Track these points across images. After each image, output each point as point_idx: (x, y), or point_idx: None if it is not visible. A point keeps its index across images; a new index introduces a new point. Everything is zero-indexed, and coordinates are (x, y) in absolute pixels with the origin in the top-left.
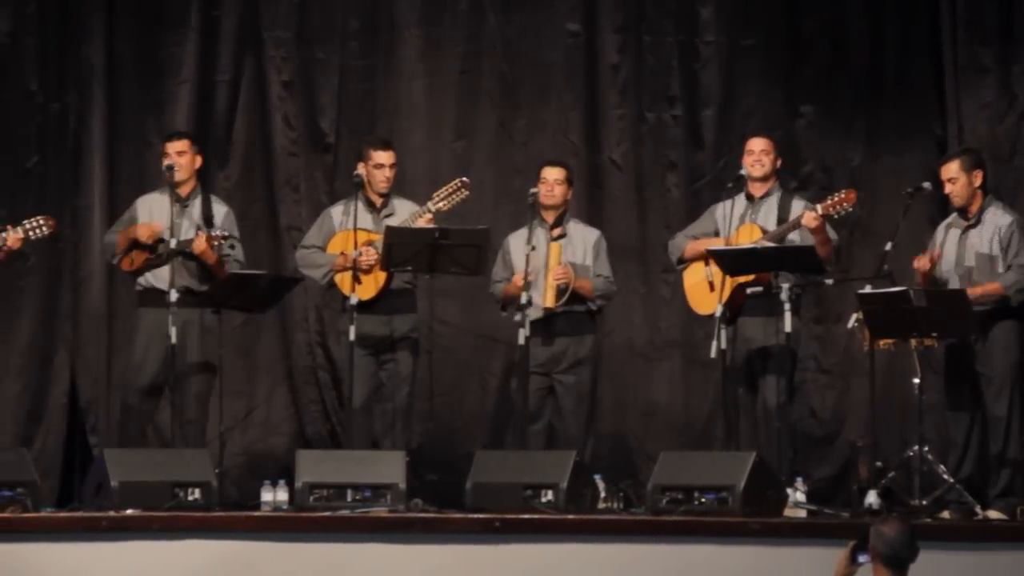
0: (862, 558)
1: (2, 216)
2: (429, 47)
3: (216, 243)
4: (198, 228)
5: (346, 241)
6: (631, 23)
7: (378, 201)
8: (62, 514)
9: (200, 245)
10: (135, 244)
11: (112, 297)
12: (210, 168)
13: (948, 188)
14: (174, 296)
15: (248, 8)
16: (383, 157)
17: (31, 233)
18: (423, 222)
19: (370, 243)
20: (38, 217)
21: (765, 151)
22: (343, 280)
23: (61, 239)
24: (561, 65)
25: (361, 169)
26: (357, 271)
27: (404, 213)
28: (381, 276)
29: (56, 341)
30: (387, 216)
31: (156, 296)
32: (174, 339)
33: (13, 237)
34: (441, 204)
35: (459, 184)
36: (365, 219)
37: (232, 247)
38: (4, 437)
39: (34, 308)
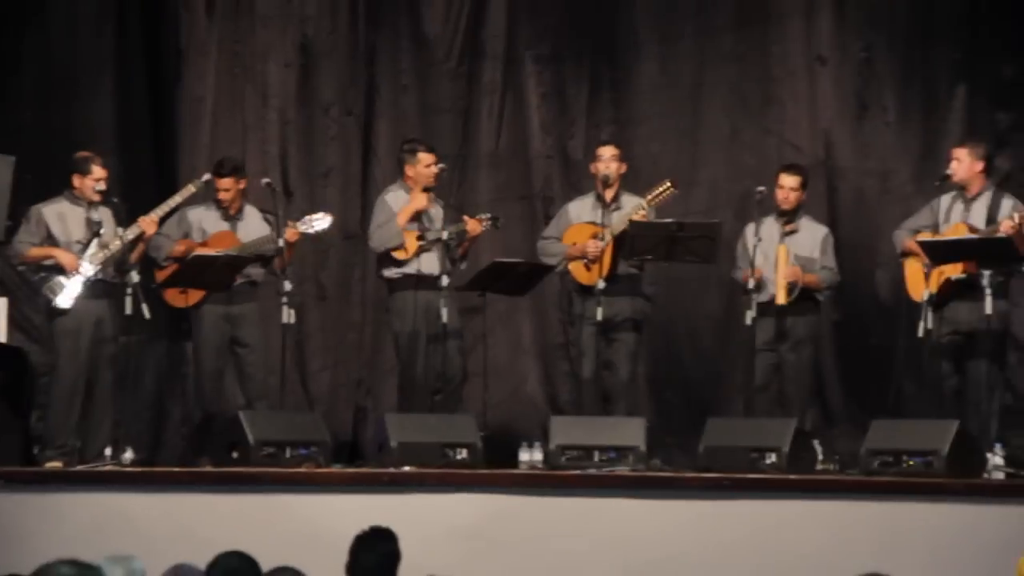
0: None
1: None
2: (668, 62)
3: (486, 224)
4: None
5: (578, 233)
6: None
7: (608, 195)
8: (350, 470)
9: (476, 227)
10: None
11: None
12: (476, 173)
13: None
14: (445, 281)
15: (510, 29)
16: (605, 152)
17: (307, 228)
18: (638, 217)
19: (597, 236)
20: (318, 213)
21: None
22: (575, 267)
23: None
24: (786, 81)
25: (592, 169)
26: (587, 260)
27: (628, 208)
28: (605, 265)
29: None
30: (615, 210)
31: (419, 281)
32: (445, 319)
33: (291, 232)
34: (653, 200)
35: (668, 184)
36: (596, 213)
37: (497, 226)
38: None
39: (349, 297)
